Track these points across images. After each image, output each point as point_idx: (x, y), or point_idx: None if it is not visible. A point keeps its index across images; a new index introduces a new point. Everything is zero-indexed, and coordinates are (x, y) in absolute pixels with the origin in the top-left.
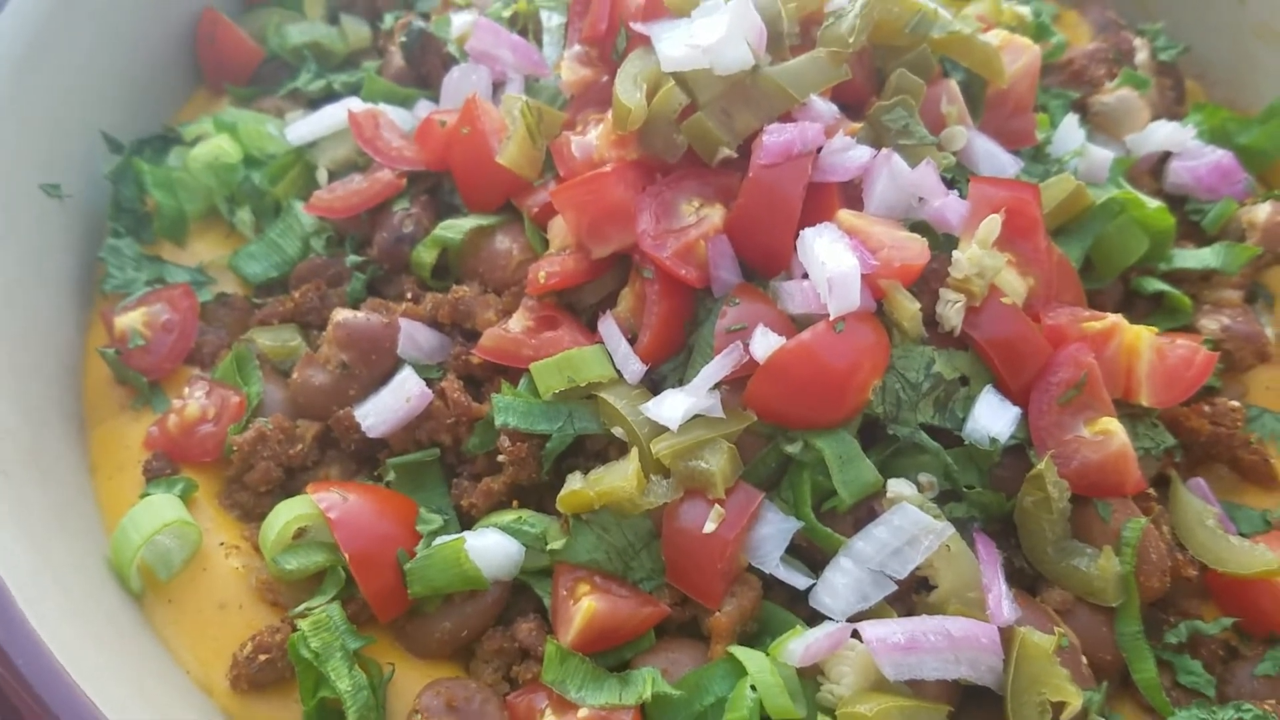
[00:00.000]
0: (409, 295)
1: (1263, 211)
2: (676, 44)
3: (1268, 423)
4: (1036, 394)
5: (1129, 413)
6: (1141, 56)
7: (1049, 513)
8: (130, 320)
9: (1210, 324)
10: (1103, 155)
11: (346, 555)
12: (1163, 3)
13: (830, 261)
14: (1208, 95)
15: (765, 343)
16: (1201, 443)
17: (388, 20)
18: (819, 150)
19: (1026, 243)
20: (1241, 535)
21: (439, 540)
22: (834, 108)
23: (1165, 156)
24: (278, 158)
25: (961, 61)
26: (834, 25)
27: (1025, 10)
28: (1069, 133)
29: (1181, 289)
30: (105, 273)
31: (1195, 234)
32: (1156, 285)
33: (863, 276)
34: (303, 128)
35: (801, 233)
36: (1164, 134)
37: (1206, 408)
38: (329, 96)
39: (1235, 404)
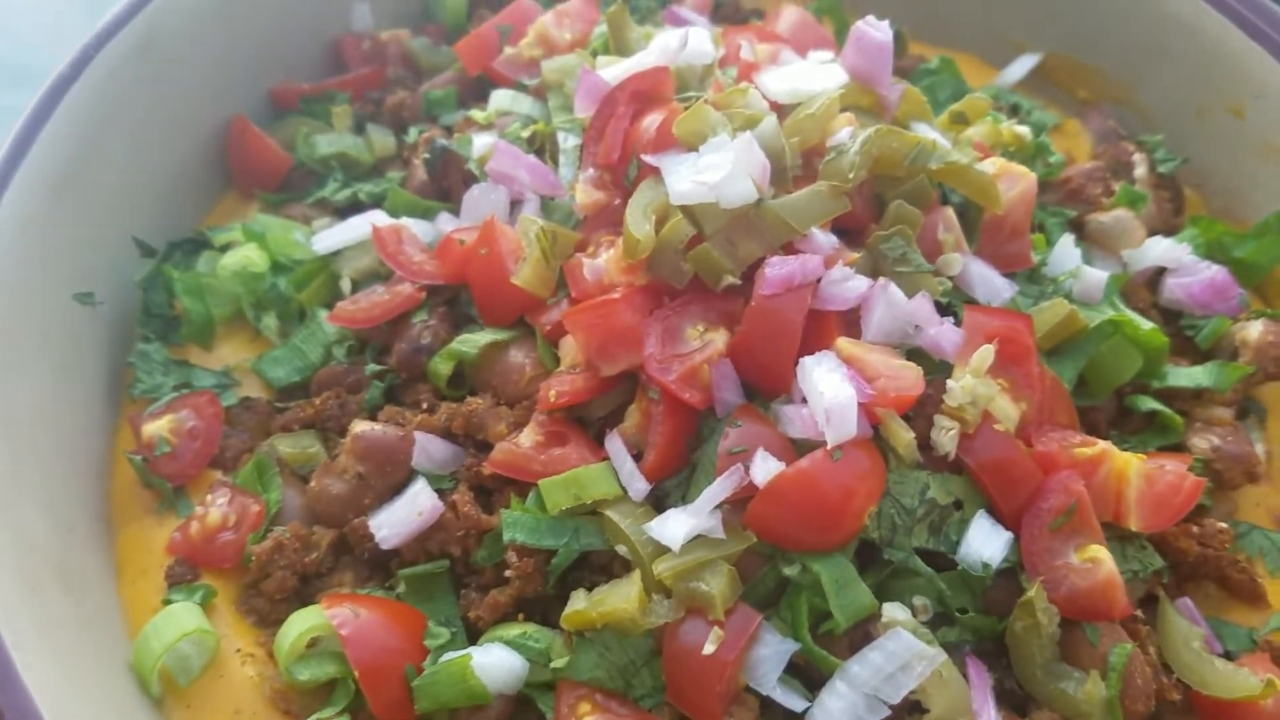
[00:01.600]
0: (425, 405)
1: (1254, 330)
2: (684, 178)
3: (1256, 539)
4: (1028, 519)
5: (1118, 534)
6: (1140, 171)
7: (1038, 637)
8: (157, 427)
9: (1201, 443)
10: (1097, 276)
11: (356, 671)
12: (1164, 114)
13: (828, 391)
14: (1206, 205)
15: (765, 468)
16: (1190, 562)
17: (412, 133)
18: (819, 280)
19: (1019, 369)
20: (1228, 654)
21: (446, 656)
22: (834, 239)
23: (1161, 270)
24: (304, 264)
25: (959, 190)
26: (835, 160)
27: (1024, 130)
28: (1065, 253)
29: (1174, 405)
30: (134, 377)
31: (1189, 349)
32: (1149, 404)
33: (860, 405)
34: (328, 238)
35: (801, 360)
36: (1160, 250)
37: (1195, 528)
38: (354, 206)
39: (1223, 525)
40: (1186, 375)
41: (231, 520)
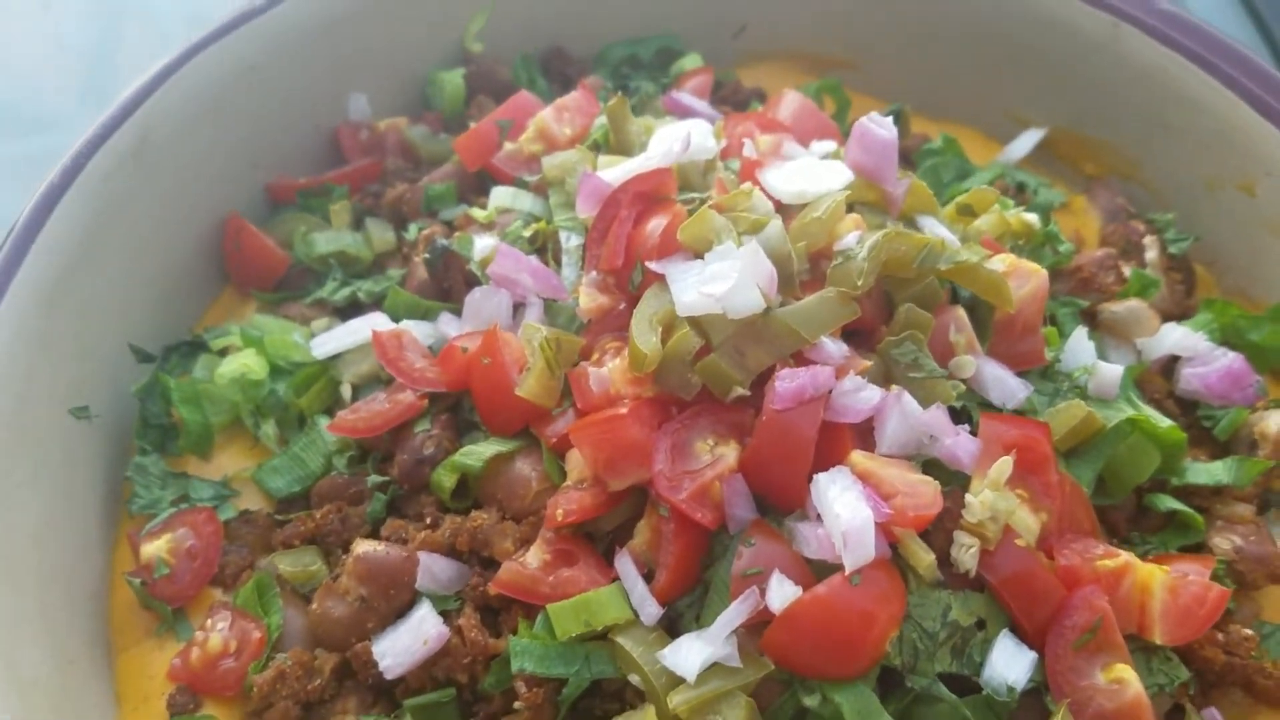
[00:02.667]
0: (428, 519)
1: (1274, 422)
2: (690, 289)
3: None
4: (1052, 638)
5: (1142, 645)
6: (1151, 254)
7: None
8: (155, 548)
9: (1223, 543)
10: (1113, 372)
11: None
12: (1172, 189)
13: (844, 513)
14: (1219, 283)
15: (782, 593)
16: (1216, 670)
17: (412, 230)
18: (830, 391)
19: (1038, 479)
20: None
21: None
22: (844, 347)
23: (1177, 357)
24: (303, 368)
25: (969, 288)
26: (843, 265)
27: (1033, 218)
28: (1079, 348)
29: (1193, 502)
30: (132, 492)
31: (1207, 440)
32: (1169, 503)
33: (877, 525)
34: (328, 343)
35: (815, 478)
36: (1174, 339)
37: (1220, 635)
38: (354, 305)
39: (1248, 633)
40: (1206, 472)
41: (233, 646)
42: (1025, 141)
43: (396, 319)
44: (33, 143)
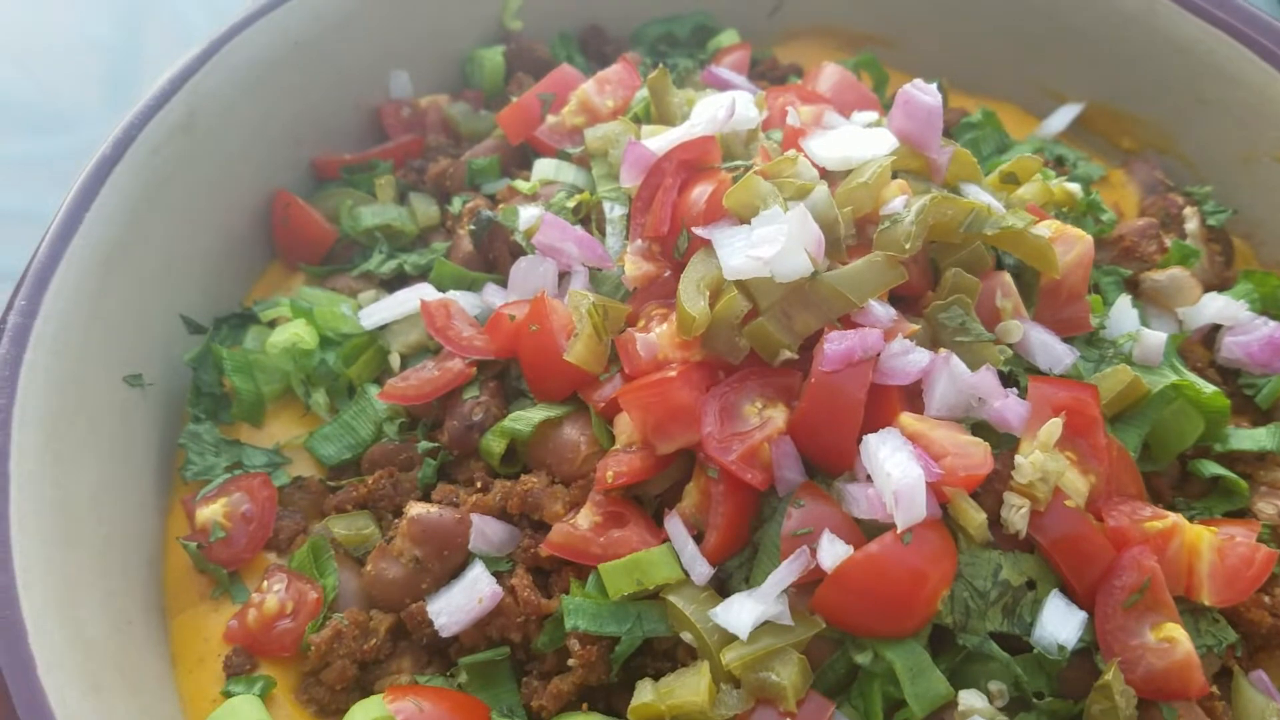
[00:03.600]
0: (479, 484)
1: None
2: (737, 253)
3: None
4: (1102, 597)
5: (1190, 608)
6: (1191, 225)
7: None
8: (211, 513)
9: (1267, 508)
10: (1157, 339)
11: None
12: (1209, 162)
13: (895, 472)
14: (1256, 254)
15: (833, 552)
16: (1263, 633)
17: (456, 203)
18: (878, 354)
19: (1086, 441)
20: None
21: None
22: (892, 311)
23: (1217, 325)
24: (351, 339)
25: (1014, 254)
26: (890, 229)
27: (1075, 187)
28: (1123, 315)
29: (1237, 469)
30: (185, 459)
31: (1249, 407)
32: (1213, 468)
33: (927, 485)
34: (376, 313)
35: (865, 439)
36: (1216, 308)
37: (1266, 598)
38: (400, 277)
39: None
40: (1249, 438)
41: (289, 608)
42: (1063, 116)
43: (443, 290)
44: (57, 141)
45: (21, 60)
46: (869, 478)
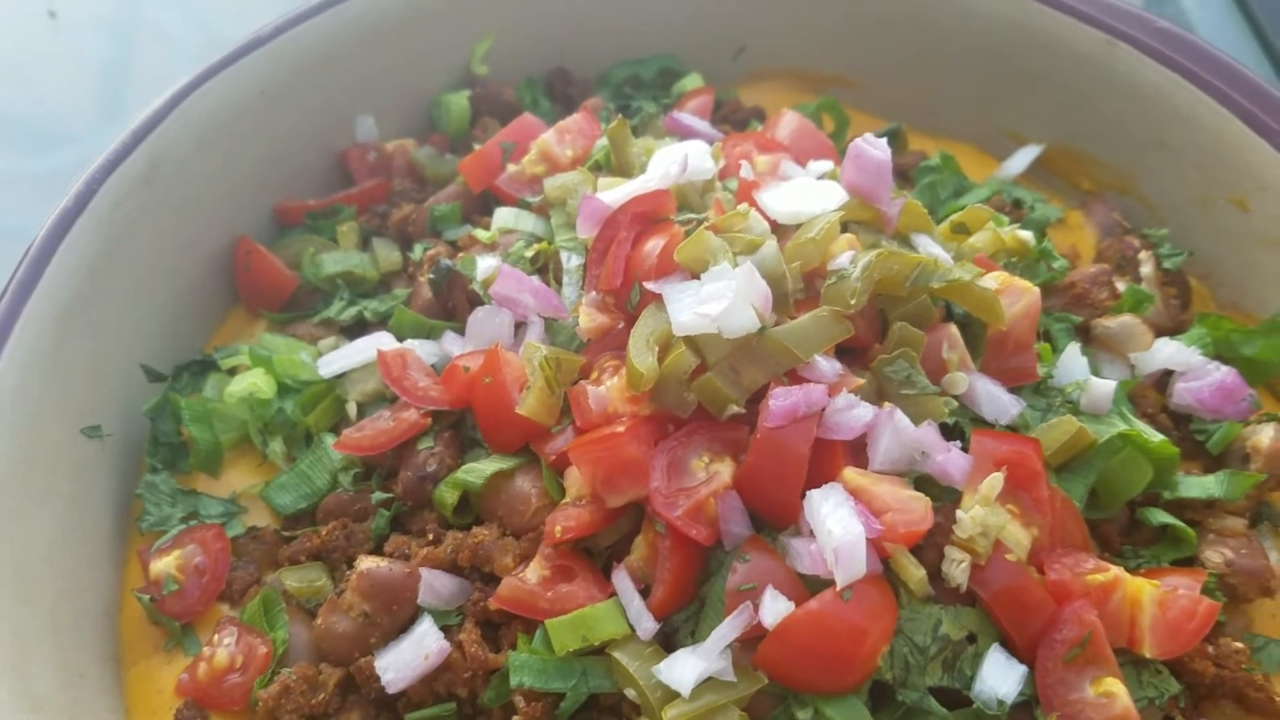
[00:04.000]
0: (430, 535)
1: (1266, 436)
2: (686, 309)
3: (1273, 653)
4: (1042, 651)
5: (1132, 659)
6: (1146, 270)
7: None
8: (164, 565)
9: (1214, 557)
10: (1105, 387)
11: None
12: (1167, 205)
13: (836, 530)
14: (1214, 296)
15: (775, 609)
16: (1207, 683)
17: (417, 250)
18: (823, 409)
19: (1029, 494)
20: None
21: None
22: (837, 365)
23: (1170, 371)
24: (310, 386)
25: (961, 306)
26: (836, 285)
27: (1027, 235)
28: (1071, 363)
29: (1185, 516)
30: (142, 510)
31: (1200, 453)
32: (1161, 517)
33: (868, 541)
34: (334, 362)
35: (808, 495)
36: (1168, 354)
37: (1210, 648)
38: (360, 324)
39: (1239, 645)
40: (1198, 485)
41: (239, 661)
42: (1022, 158)
43: (401, 338)
44: (51, 158)
45: (13, 77)
46: (813, 532)
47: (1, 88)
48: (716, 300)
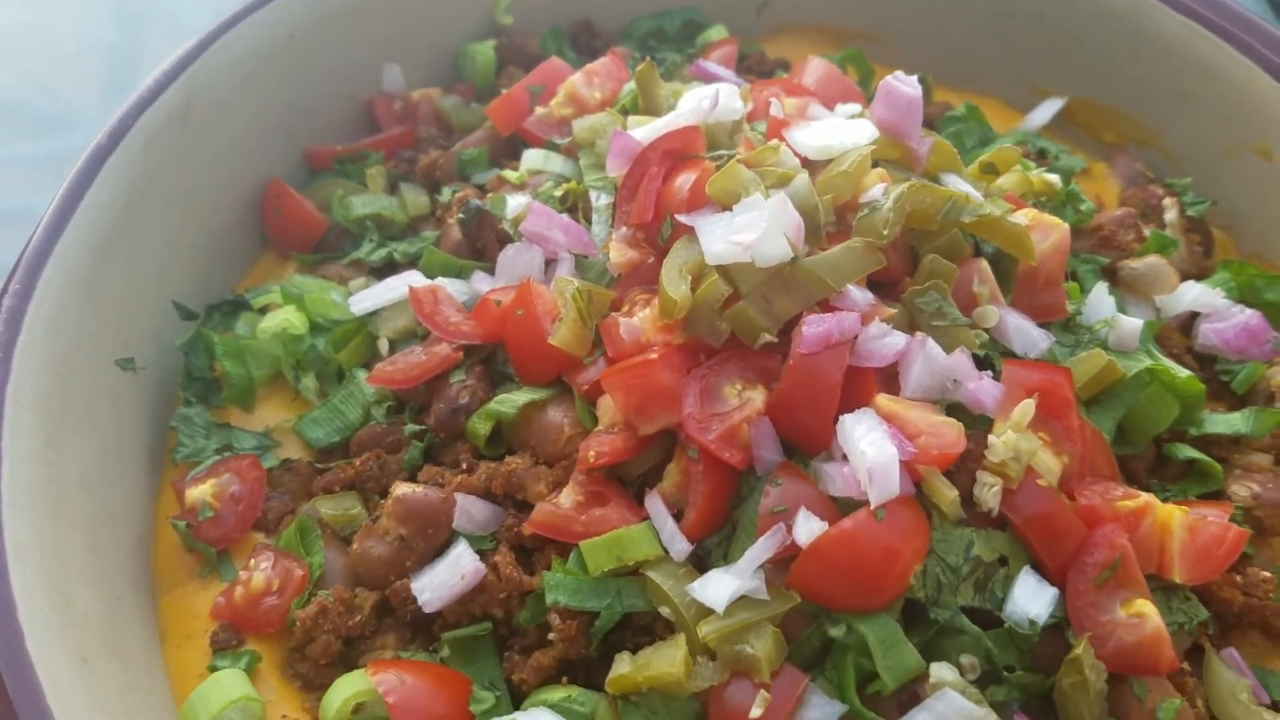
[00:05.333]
0: (464, 465)
1: None
2: (718, 239)
3: None
4: (1073, 574)
5: (1162, 585)
6: (1170, 216)
7: (1086, 695)
8: (200, 493)
9: (1241, 490)
10: (1132, 325)
11: None
12: (1190, 155)
13: (870, 451)
14: (1237, 246)
15: (808, 528)
16: (1234, 612)
17: (446, 193)
18: (856, 337)
19: (1059, 422)
20: (1275, 704)
21: None
22: (870, 295)
23: (1195, 314)
24: (341, 325)
25: (992, 241)
26: (869, 216)
27: (1055, 178)
28: (1099, 302)
29: (1212, 452)
30: (176, 441)
31: (1225, 393)
32: (1188, 452)
33: (901, 463)
34: (366, 300)
35: (841, 419)
36: (1193, 295)
37: (1238, 577)
38: (390, 265)
39: (1266, 574)
40: (1224, 422)
41: (275, 584)
42: (1045, 110)
43: (431, 277)
44: (57, 142)
45: (22, 62)
46: (845, 457)
47: (10, 73)
48: (749, 229)
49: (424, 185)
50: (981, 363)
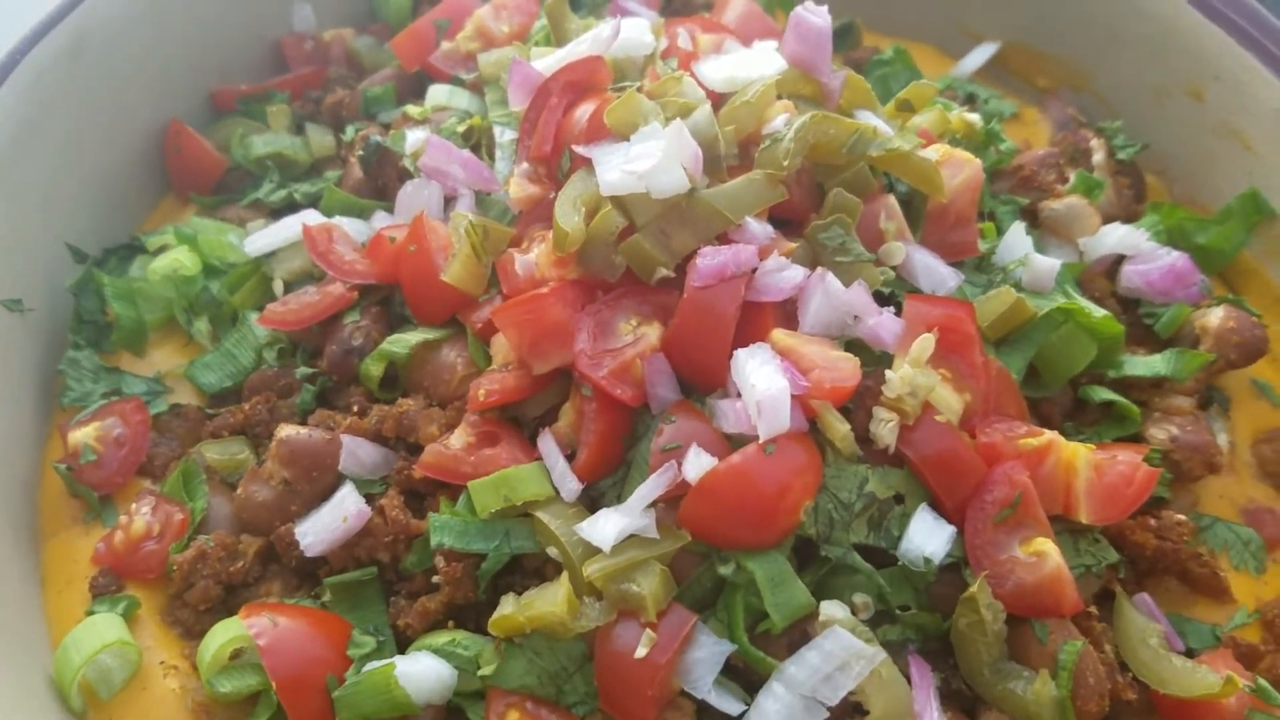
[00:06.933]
0: (355, 408)
1: (1215, 317)
2: (614, 168)
3: (1220, 533)
4: (971, 512)
5: (1070, 528)
6: (1098, 158)
7: (984, 635)
8: (83, 435)
9: (1159, 433)
10: (1048, 264)
11: (274, 682)
12: (1123, 99)
13: (760, 384)
14: (1169, 191)
15: (698, 463)
16: (1149, 556)
17: (349, 132)
18: (754, 271)
19: (962, 359)
20: (1190, 651)
21: (370, 665)
22: (769, 228)
23: (1122, 259)
24: (236, 267)
25: (901, 177)
26: (770, 148)
27: (974, 117)
28: (1015, 241)
29: (1133, 396)
30: (64, 385)
31: (1149, 338)
32: (1104, 394)
33: (794, 397)
34: (260, 240)
35: (734, 353)
36: (1117, 237)
37: (1152, 521)
38: (290, 206)
39: (1181, 518)
40: (1144, 364)
41: (155, 529)
42: (978, 55)
43: (331, 217)
44: None
45: None
46: (740, 393)
47: None
48: (645, 159)
49: (330, 125)
50: (887, 300)
